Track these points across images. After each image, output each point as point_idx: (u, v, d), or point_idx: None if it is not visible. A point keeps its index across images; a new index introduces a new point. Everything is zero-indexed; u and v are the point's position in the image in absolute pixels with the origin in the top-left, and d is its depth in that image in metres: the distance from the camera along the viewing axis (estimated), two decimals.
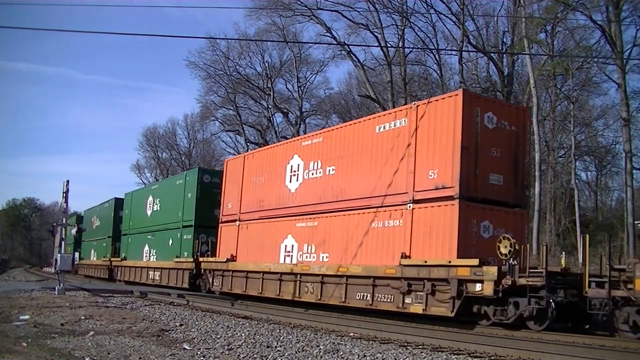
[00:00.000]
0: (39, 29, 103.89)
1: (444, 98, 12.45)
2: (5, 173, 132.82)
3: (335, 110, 49.61)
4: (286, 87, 50.72)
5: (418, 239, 12.13)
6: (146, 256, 25.67)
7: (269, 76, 47.96)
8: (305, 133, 32.80)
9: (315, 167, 15.59)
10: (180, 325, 11.93)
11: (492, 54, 32.48)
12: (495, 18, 33.63)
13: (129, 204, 29.87)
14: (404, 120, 12.99)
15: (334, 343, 9.56)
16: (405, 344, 9.59)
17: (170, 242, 23.19)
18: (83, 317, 12.27)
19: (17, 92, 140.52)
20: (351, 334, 10.88)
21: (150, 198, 26.42)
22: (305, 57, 47.97)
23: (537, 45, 31.05)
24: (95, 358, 8.01)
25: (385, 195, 13.08)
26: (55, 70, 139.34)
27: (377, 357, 8.37)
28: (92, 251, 36.89)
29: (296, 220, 15.94)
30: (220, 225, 19.93)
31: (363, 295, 13.24)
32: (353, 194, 14.08)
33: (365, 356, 8.43)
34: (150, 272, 24.79)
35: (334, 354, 8.65)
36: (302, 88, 49.02)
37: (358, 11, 35.37)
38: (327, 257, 14.68)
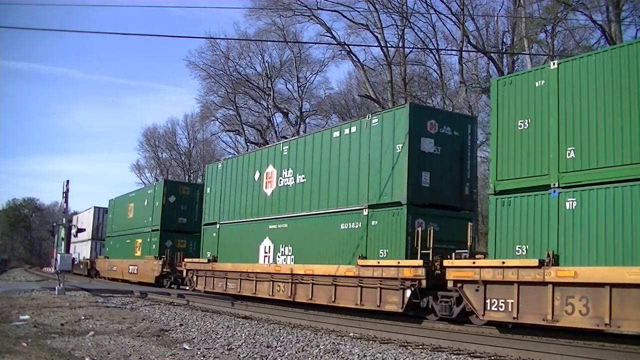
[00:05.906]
0: (39, 29, 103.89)
1: None
2: (5, 173, 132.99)
3: (335, 110, 49.51)
4: (286, 87, 50.69)
5: None
6: None
7: (269, 76, 47.89)
8: (305, 133, 32.66)
9: None
10: (180, 325, 11.94)
11: (492, 54, 32.43)
12: (495, 18, 33.55)
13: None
14: None
15: (334, 343, 9.56)
16: (405, 344, 9.60)
17: None
18: (83, 317, 12.28)
19: (17, 91, 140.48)
20: (351, 334, 10.88)
21: None
22: (305, 57, 47.91)
23: (537, 45, 31.05)
24: (95, 358, 8.01)
25: None
26: (55, 70, 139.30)
27: (377, 357, 8.37)
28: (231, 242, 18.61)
29: None
30: None
31: None
32: None
33: (365, 356, 8.43)
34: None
35: (334, 354, 8.65)
36: (302, 88, 48.96)
37: (358, 11, 35.37)
38: None
